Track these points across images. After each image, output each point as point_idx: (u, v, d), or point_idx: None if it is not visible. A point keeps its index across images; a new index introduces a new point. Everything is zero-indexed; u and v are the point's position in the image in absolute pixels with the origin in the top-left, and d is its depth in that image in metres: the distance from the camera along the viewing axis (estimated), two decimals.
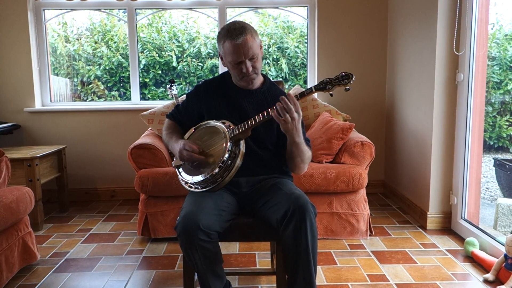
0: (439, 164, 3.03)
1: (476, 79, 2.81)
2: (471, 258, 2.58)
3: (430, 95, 3.02)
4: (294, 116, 1.72)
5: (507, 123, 3.76)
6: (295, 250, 1.71)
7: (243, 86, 2.00)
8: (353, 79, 1.75)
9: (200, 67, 4.33)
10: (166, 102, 3.70)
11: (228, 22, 1.92)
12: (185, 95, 2.32)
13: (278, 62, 4.35)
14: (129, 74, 4.09)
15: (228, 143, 1.81)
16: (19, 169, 3.13)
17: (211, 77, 4.19)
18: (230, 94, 2.02)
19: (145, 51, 4.29)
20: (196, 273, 1.83)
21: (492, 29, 3.55)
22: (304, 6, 4.02)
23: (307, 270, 1.73)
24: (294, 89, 3.55)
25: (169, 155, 3.05)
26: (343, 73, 1.75)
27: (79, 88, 4.32)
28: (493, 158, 3.82)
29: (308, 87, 4.07)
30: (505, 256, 2.28)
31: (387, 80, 3.97)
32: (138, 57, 4.08)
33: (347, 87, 1.75)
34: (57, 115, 3.93)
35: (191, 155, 1.85)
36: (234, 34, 1.83)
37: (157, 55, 4.31)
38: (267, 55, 4.34)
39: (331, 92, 1.78)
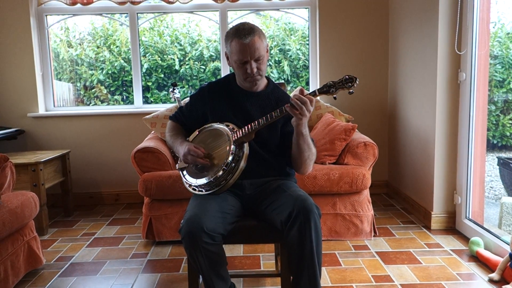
0: (442, 163, 3.03)
1: (479, 78, 2.81)
2: (476, 258, 2.58)
3: (433, 95, 3.02)
4: (310, 109, 1.72)
5: (510, 122, 3.75)
6: (300, 252, 1.72)
7: (247, 88, 2.00)
8: (357, 82, 1.73)
9: (202, 70, 4.34)
10: (169, 106, 3.71)
11: (240, 22, 1.94)
12: (188, 98, 2.32)
13: (280, 64, 4.36)
14: (131, 78, 4.10)
15: (232, 146, 1.82)
16: (24, 174, 3.14)
17: (214, 79, 4.21)
18: (234, 96, 2.02)
19: (147, 55, 4.31)
20: (200, 276, 1.83)
21: (493, 27, 3.55)
22: (305, 8, 4.03)
23: (311, 272, 1.73)
24: (296, 91, 3.56)
25: (173, 158, 3.06)
26: (347, 76, 1.74)
27: (82, 92, 4.33)
28: (496, 157, 3.81)
29: (311, 88, 4.08)
30: (510, 255, 2.27)
31: (389, 81, 3.97)
32: (140, 61, 4.10)
33: (351, 91, 1.73)
34: (61, 120, 3.95)
35: (195, 159, 1.85)
36: (242, 33, 1.85)
37: (159, 58, 4.32)
38: (269, 57, 4.34)
39: (335, 96, 1.77)
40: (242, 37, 1.84)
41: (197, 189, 1.89)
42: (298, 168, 1.96)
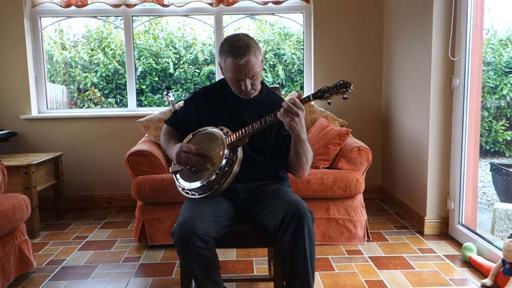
0: (436, 169, 3.04)
1: (472, 84, 2.82)
2: (469, 263, 2.58)
3: (426, 101, 3.03)
4: (295, 111, 1.68)
5: (503, 128, 3.78)
6: (293, 256, 1.71)
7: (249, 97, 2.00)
8: (351, 87, 1.72)
9: (197, 74, 4.34)
10: (162, 109, 3.70)
11: (232, 35, 1.89)
12: (182, 101, 2.32)
13: (275, 69, 4.36)
14: (125, 81, 4.09)
15: (226, 150, 1.81)
16: (15, 176, 3.11)
17: (208, 83, 4.20)
18: (228, 101, 2.02)
19: (141, 58, 4.30)
20: (193, 280, 1.82)
21: (487, 34, 3.58)
22: (300, 13, 4.04)
23: (305, 276, 1.72)
24: (290, 95, 3.56)
25: (166, 161, 3.05)
26: (341, 82, 1.73)
27: (75, 95, 4.31)
28: (489, 163, 3.83)
29: (305, 93, 4.08)
30: (503, 261, 2.28)
31: (384, 86, 3.99)
32: (135, 64, 4.09)
33: (345, 96, 1.72)
34: (54, 122, 3.92)
35: (189, 157, 1.84)
36: (237, 53, 1.80)
37: (153, 62, 4.31)
38: (264, 61, 4.34)
39: (329, 101, 1.76)
40: (237, 56, 1.80)
41: (190, 192, 1.88)
42: (295, 172, 1.96)
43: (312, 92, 1.82)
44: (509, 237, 2.28)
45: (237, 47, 1.81)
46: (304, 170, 1.93)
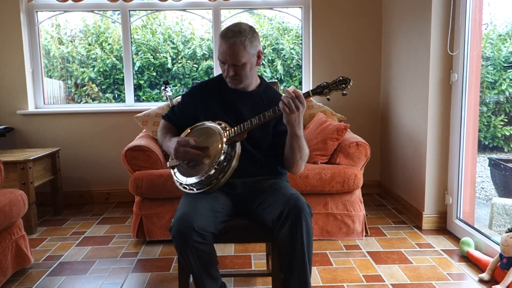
0: (434, 164, 3.04)
1: (470, 79, 2.82)
2: (467, 258, 2.59)
3: (425, 96, 3.02)
4: (298, 105, 1.69)
5: (501, 123, 3.78)
6: (291, 250, 1.71)
7: (234, 86, 2.00)
8: (351, 83, 1.72)
9: (195, 69, 4.32)
10: (160, 104, 3.69)
11: (237, 22, 1.94)
12: (180, 96, 2.31)
13: (274, 63, 4.35)
14: (123, 76, 4.07)
15: (224, 145, 1.80)
16: (12, 172, 3.10)
17: (206, 78, 4.19)
18: (226, 95, 2.01)
19: (139, 53, 4.28)
20: (191, 275, 1.82)
21: (486, 29, 3.57)
22: (298, 7, 4.02)
23: (302, 270, 1.72)
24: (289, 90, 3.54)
25: (164, 156, 3.04)
26: (341, 78, 1.73)
27: (72, 90, 4.29)
28: (488, 158, 3.84)
29: (304, 88, 4.07)
30: (500, 255, 2.28)
31: (382, 81, 3.98)
32: (132, 59, 4.07)
33: (344, 92, 1.72)
34: (51, 117, 3.91)
35: (187, 150, 1.83)
36: (227, 35, 1.83)
37: (151, 56, 4.29)
38: (261, 58, 4.33)
39: (328, 97, 1.76)
40: (225, 38, 1.83)
41: (188, 187, 1.88)
42: (290, 168, 1.96)
43: (311, 88, 1.81)
44: (506, 232, 2.28)
45: (230, 30, 1.85)
46: (298, 167, 1.93)
